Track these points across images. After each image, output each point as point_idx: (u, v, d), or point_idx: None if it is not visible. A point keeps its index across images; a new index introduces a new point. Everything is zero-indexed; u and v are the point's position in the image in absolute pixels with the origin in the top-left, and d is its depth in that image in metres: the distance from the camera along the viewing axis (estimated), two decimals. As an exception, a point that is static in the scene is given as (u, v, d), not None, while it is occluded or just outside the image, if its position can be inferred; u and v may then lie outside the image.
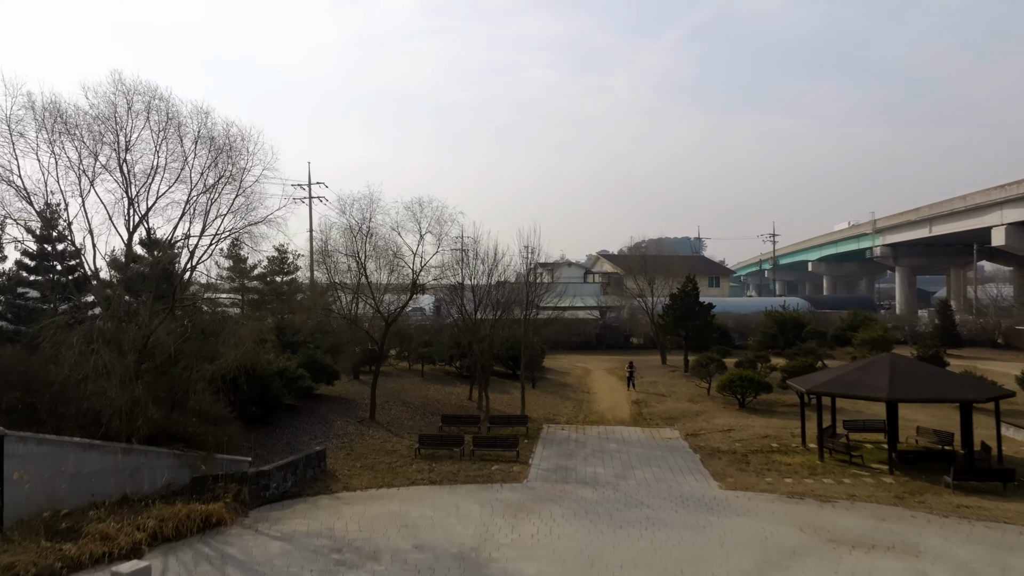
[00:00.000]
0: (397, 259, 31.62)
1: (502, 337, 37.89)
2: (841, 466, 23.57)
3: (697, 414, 33.59)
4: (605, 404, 36.50)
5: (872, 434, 27.99)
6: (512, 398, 36.63)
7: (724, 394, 35.44)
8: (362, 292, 31.51)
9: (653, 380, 43.31)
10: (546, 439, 28.51)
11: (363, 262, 30.72)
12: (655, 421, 32.58)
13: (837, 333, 53.85)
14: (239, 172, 23.19)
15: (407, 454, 25.54)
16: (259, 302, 46.82)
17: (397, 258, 31.57)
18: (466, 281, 34.11)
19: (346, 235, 31.25)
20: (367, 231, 30.49)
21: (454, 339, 40.07)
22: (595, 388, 41.33)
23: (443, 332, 44.24)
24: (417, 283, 31.37)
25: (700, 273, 76.18)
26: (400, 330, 37.75)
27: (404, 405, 33.38)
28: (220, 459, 21.16)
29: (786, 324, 52.87)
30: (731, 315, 63.09)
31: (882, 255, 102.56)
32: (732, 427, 30.63)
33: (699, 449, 26.64)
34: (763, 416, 32.92)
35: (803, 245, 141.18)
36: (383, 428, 29.43)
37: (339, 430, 28.31)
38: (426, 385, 38.97)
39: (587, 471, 23.46)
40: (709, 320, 46.03)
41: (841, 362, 46.85)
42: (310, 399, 31.29)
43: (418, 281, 31.41)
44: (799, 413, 32.72)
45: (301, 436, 26.88)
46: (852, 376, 24.05)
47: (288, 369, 29.41)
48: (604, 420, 32.98)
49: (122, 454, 19.79)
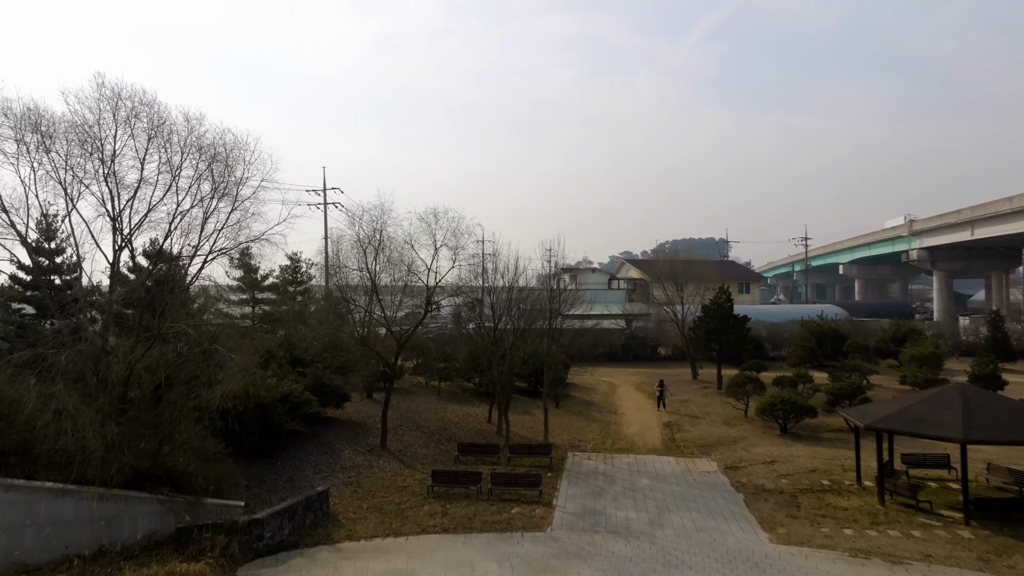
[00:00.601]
0: (411, 274, 29.35)
1: (524, 352, 35.57)
2: (906, 513, 20.85)
3: (735, 441, 30.92)
4: (634, 427, 33.95)
5: (934, 470, 25.21)
6: (534, 420, 34.26)
7: (764, 418, 32.70)
8: (373, 309, 29.28)
9: (685, 398, 40.62)
10: (571, 472, 26.07)
11: (375, 279, 28.49)
12: (690, 449, 29.99)
13: (879, 345, 50.64)
14: (233, 185, 21.14)
15: (419, 491, 23.28)
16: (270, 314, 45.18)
17: (412, 273, 29.30)
18: (485, 298, 31.76)
19: (356, 248, 29.06)
20: (378, 244, 28.29)
21: (472, 355, 37.74)
22: (623, 407, 38.76)
23: (462, 343, 41.95)
24: (432, 300, 29.07)
25: (730, 279, 73.25)
26: (417, 342, 35.59)
27: (418, 430, 31.13)
28: (209, 505, 19.05)
29: (824, 336, 49.82)
30: (763, 324, 60.00)
31: (919, 258, 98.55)
32: (775, 458, 27.97)
33: (741, 487, 24.04)
34: (808, 444, 30.19)
35: (834, 247, 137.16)
36: (394, 458, 27.19)
37: (347, 461, 26.12)
38: (443, 404, 36.70)
39: (618, 516, 21.00)
40: (745, 334, 43.21)
41: (886, 377, 43.92)
42: (317, 424, 29.19)
43: (432, 298, 29.11)
44: (847, 440, 30.25)
45: (304, 470, 24.73)
46: (917, 411, 21.30)
47: (293, 393, 27.28)
48: (634, 447, 30.46)
49: (99, 501, 17.78)
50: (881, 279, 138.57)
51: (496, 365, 31.21)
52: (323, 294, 43.05)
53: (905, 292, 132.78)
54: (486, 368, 34.27)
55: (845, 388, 32.00)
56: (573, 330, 37.76)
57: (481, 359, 35.07)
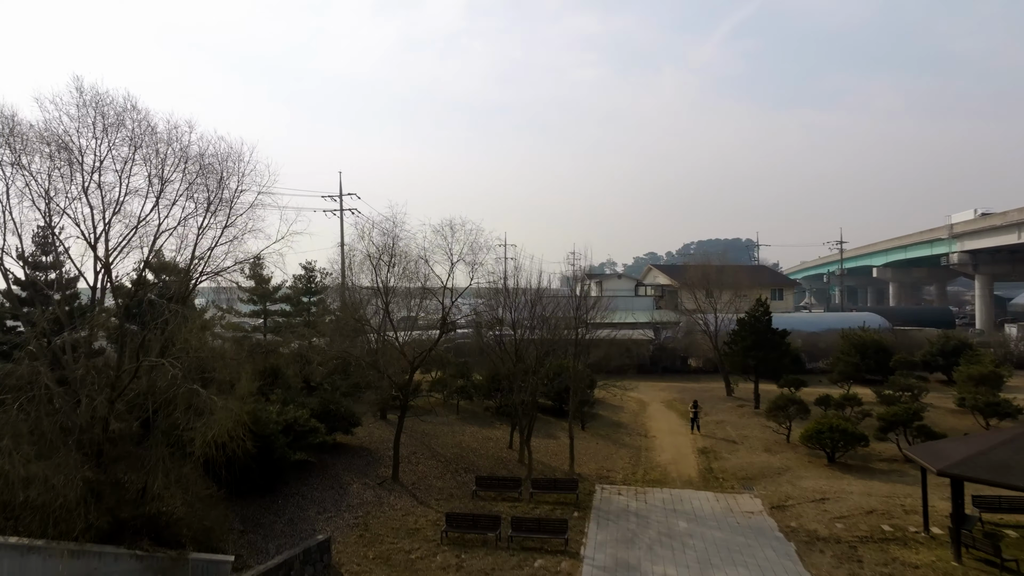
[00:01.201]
0: (426, 292, 27.17)
1: (548, 369, 33.15)
2: (988, 573, 18.15)
3: (779, 472, 28.26)
4: (667, 454, 31.40)
5: (1013, 515, 22.40)
6: (559, 444, 31.88)
7: (809, 445, 29.95)
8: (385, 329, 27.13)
9: (720, 419, 37.95)
10: (600, 511, 23.64)
11: (387, 300, 26.34)
12: (729, 481, 27.41)
13: (927, 359, 47.42)
14: (226, 201, 19.06)
15: (432, 535, 21.04)
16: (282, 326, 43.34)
17: (426, 291, 27.11)
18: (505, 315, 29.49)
19: (366, 263, 26.94)
20: (389, 260, 26.11)
21: (492, 372, 35.34)
22: (654, 429, 36.19)
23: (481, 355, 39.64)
24: (447, 320, 26.83)
25: (763, 285, 70.11)
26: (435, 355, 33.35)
27: (434, 457, 28.90)
28: (195, 561, 16.93)
29: (867, 349, 46.67)
30: (799, 333, 56.75)
31: (960, 262, 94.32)
32: (825, 493, 25.30)
33: (792, 533, 21.43)
34: (860, 476, 27.46)
35: (867, 249, 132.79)
36: (407, 492, 24.98)
37: (354, 497, 23.96)
38: (461, 426, 34.46)
39: (654, 572, 18.55)
40: (785, 349, 40.36)
41: (937, 395, 40.69)
42: (325, 452, 27.11)
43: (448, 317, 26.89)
44: (903, 473, 27.74)
45: (308, 508, 22.60)
46: (1001, 455, 18.56)
47: (298, 421, 25.23)
48: (667, 478, 27.95)
49: (69, 558, 15.79)
50: (916, 282, 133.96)
51: (518, 388, 28.85)
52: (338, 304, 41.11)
53: (943, 295, 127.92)
54: (507, 388, 31.95)
55: (900, 414, 29.13)
56: (600, 341, 35.25)
57: (502, 378, 32.74)
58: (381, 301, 26.41)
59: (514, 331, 29.16)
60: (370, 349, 27.28)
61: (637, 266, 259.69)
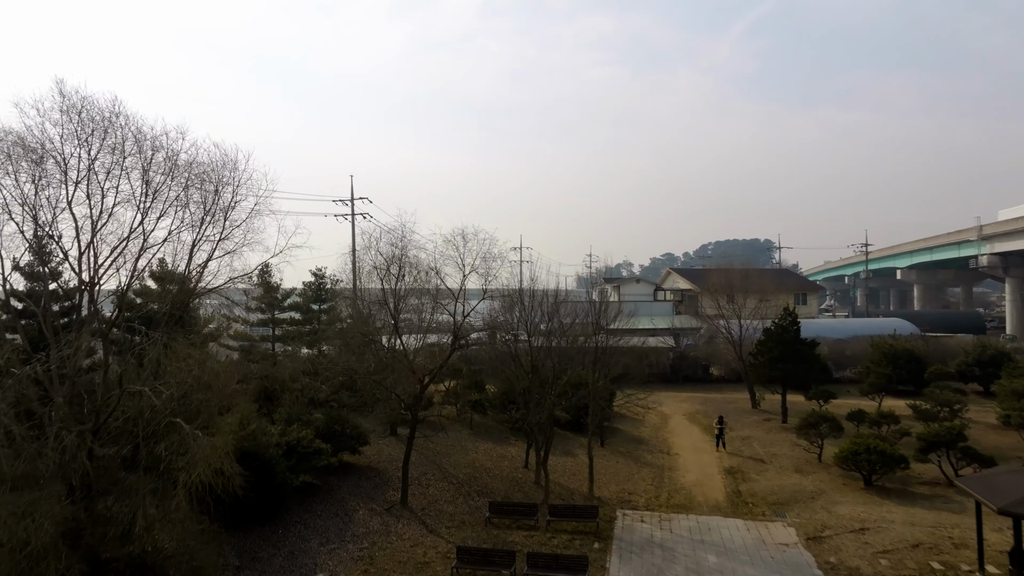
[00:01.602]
0: (437, 304, 25.73)
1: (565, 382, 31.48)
2: (1056, 623, 16.40)
3: (812, 496, 26.49)
4: (691, 475, 29.71)
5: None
6: (577, 463, 30.30)
7: (844, 467, 28.13)
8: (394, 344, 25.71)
9: (746, 434, 36.16)
10: (622, 542, 22.03)
11: (395, 310, 24.91)
12: (759, 506, 25.70)
13: (962, 369, 45.30)
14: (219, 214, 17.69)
15: (442, 569, 19.57)
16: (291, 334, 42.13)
17: (437, 303, 25.67)
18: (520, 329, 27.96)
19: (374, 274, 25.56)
20: (398, 272, 24.68)
21: (506, 386, 33.77)
22: (676, 446, 34.49)
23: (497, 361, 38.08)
24: (458, 336, 25.34)
25: (786, 290, 68.29)
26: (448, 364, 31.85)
27: (445, 479, 27.43)
28: (182, 608, 15.59)
29: (899, 358, 44.68)
30: (825, 340, 54.62)
31: (990, 264, 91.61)
32: (865, 522, 23.55)
33: (832, 571, 19.71)
34: (900, 502, 25.62)
35: (890, 251, 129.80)
36: (416, 519, 23.52)
37: (360, 526, 22.53)
38: (475, 442, 32.99)
39: (684, 618, 16.95)
40: (814, 361, 38.48)
41: (976, 409, 38.42)
42: (331, 473, 25.74)
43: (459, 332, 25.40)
44: (948, 499, 25.94)
45: (310, 539, 21.20)
46: (1069, 491, 16.77)
47: (301, 442, 23.88)
48: (693, 502, 26.29)
49: (44, 607, 14.44)
50: (941, 284, 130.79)
51: (534, 404, 27.26)
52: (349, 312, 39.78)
53: (969, 298, 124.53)
54: (522, 402, 30.40)
55: (943, 434, 27.22)
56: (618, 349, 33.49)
57: (517, 392, 31.18)
58: (389, 315, 24.97)
59: (530, 341, 27.59)
60: (378, 365, 25.83)
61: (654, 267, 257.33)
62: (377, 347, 25.41)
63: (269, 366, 33.93)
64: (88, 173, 16.94)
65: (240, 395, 19.38)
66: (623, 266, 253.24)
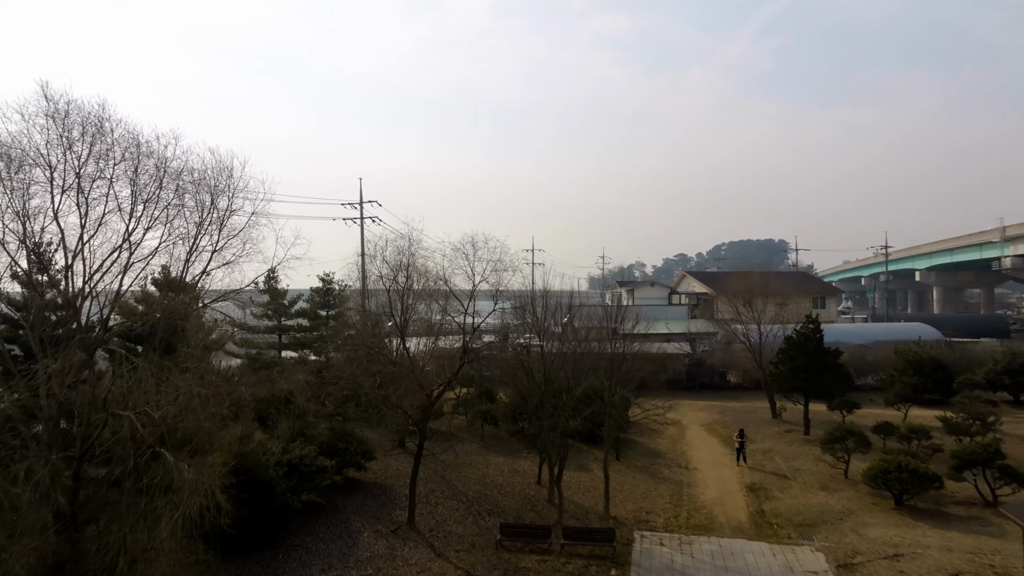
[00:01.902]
0: (446, 315, 24.63)
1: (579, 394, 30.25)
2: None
3: (840, 517, 25.15)
4: (712, 491, 28.43)
5: None
6: (592, 479, 29.10)
7: (873, 485, 26.76)
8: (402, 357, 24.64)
9: (767, 447, 34.79)
10: (641, 568, 20.81)
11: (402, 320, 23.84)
12: (784, 528, 24.39)
13: (990, 376, 43.68)
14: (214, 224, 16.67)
15: (450, 600, 18.46)
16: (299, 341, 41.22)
17: (446, 314, 24.58)
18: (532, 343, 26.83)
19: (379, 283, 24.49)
20: (405, 282, 23.59)
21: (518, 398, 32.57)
22: (695, 459, 33.17)
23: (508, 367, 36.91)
24: (468, 348, 24.21)
25: (804, 293, 66.59)
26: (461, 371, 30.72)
27: (455, 497, 26.31)
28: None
29: (924, 366, 43.12)
30: (845, 346, 53.08)
31: (1013, 266, 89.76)
32: (898, 547, 22.22)
33: (867, 604, 18.44)
34: (935, 524, 24.24)
35: (909, 252, 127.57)
36: (423, 541, 22.40)
37: (364, 549, 21.44)
38: (485, 456, 31.87)
39: (710, 659, 15.73)
40: (838, 370, 37.06)
41: (1009, 420, 36.81)
42: (336, 490, 24.67)
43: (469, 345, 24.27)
44: (985, 521, 24.59)
45: (312, 565, 20.12)
46: None
47: (304, 460, 22.83)
48: (714, 522, 25.02)
49: (22, 648, 13.46)
50: (961, 286, 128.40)
51: (547, 418, 26.06)
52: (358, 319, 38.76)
53: (990, 300, 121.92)
54: (535, 417, 29.22)
55: (979, 452, 25.80)
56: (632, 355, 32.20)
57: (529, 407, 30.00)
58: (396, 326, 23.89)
59: (542, 350, 26.43)
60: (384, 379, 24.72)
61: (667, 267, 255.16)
62: (383, 359, 24.29)
63: (272, 375, 33.01)
64: (76, 180, 16.03)
65: (242, 407, 18.34)
66: (635, 267, 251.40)
